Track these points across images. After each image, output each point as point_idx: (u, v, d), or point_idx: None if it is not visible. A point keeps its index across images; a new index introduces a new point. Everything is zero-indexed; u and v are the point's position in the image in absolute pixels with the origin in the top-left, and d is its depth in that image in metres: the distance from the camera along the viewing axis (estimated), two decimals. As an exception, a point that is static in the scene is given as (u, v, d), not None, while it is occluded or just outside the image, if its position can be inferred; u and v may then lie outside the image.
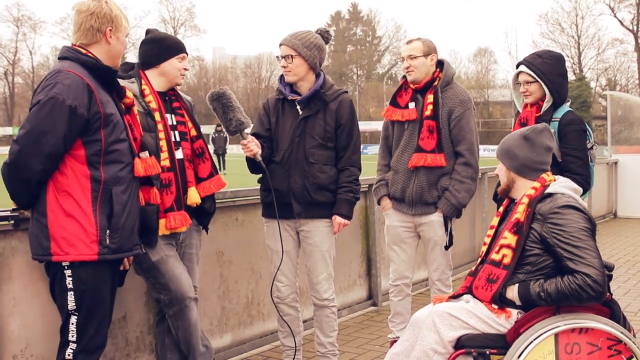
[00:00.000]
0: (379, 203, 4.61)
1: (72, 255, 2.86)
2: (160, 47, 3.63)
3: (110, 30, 3.02)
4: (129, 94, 3.16)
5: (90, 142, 2.89)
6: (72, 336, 2.92)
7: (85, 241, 2.87)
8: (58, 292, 2.95)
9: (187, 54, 3.73)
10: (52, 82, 2.86)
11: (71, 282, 2.90)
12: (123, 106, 3.13)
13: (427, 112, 4.27)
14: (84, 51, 2.99)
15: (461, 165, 4.30)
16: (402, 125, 4.41)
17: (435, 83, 4.32)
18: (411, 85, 4.38)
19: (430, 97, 4.29)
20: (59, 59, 3.02)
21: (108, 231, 2.91)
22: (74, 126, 2.83)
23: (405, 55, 4.32)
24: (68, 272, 2.89)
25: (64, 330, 2.94)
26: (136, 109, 3.25)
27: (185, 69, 3.69)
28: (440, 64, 4.38)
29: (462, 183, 4.28)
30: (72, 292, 2.91)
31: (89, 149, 2.89)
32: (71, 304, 2.91)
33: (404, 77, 4.47)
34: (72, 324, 2.92)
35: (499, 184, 3.39)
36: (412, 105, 4.36)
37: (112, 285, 3.11)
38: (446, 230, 4.34)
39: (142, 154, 3.14)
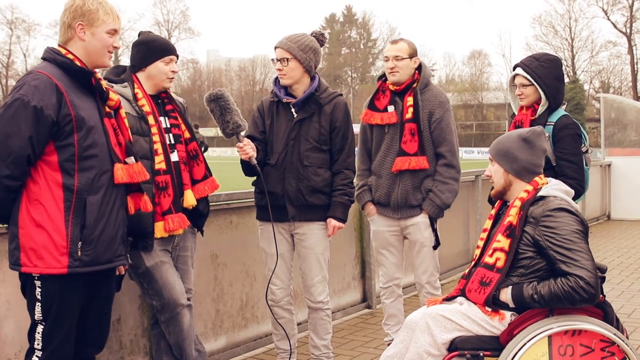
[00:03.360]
0: (362, 208, 4.61)
1: (40, 268, 2.76)
2: (146, 50, 3.58)
3: (81, 25, 2.87)
4: (113, 96, 3.00)
5: (63, 147, 2.77)
6: (38, 344, 2.84)
7: (54, 254, 2.76)
8: (28, 299, 2.88)
9: (176, 56, 3.65)
10: (21, 84, 2.77)
11: (39, 294, 2.81)
12: (108, 109, 2.99)
13: (408, 115, 4.27)
14: (64, 52, 2.88)
15: (443, 166, 4.32)
16: (381, 128, 4.41)
17: (415, 85, 4.33)
18: (390, 87, 4.38)
19: (410, 100, 4.30)
20: (41, 59, 2.93)
21: (80, 243, 2.78)
22: (41, 128, 2.72)
23: (391, 56, 4.31)
24: (38, 283, 2.80)
25: (31, 337, 2.88)
26: (124, 111, 3.11)
27: (173, 72, 3.61)
28: (417, 66, 4.39)
29: (445, 184, 4.30)
30: (39, 303, 2.81)
31: (62, 154, 2.77)
32: (38, 314, 2.83)
33: (380, 79, 4.47)
34: (38, 332, 2.84)
35: (492, 188, 3.38)
36: (391, 108, 4.36)
37: (103, 293, 3.03)
38: (433, 230, 4.36)
39: (127, 160, 2.99)
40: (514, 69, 4.23)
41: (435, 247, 4.40)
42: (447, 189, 4.31)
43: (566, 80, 51.18)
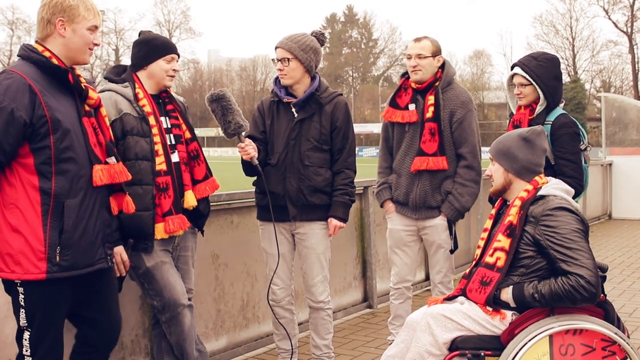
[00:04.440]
0: (382, 206, 4.59)
1: (18, 274, 2.71)
2: (147, 49, 3.56)
3: (62, 21, 2.79)
4: (92, 94, 2.93)
5: (39, 150, 2.70)
6: (27, 351, 2.82)
7: (32, 259, 2.70)
8: (13, 305, 2.84)
9: (177, 55, 3.63)
10: None
11: (23, 300, 2.77)
12: (88, 107, 2.91)
13: (429, 114, 4.22)
14: (40, 49, 2.80)
15: (463, 168, 4.27)
16: (402, 127, 4.37)
17: (437, 84, 4.28)
18: (412, 85, 4.33)
19: (431, 99, 4.24)
20: (17, 56, 2.86)
21: (59, 248, 2.72)
22: (11, 130, 2.64)
23: (414, 54, 4.25)
24: (21, 290, 2.76)
25: (19, 343, 2.85)
26: (104, 109, 3.05)
27: (174, 70, 3.59)
28: (441, 64, 4.33)
29: (465, 186, 4.25)
30: (23, 310, 2.78)
31: (38, 157, 2.70)
32: (23, 320, 2.80)
33: (403, 76, 4.42)
34: (25, 339, 2.81)
35: (491, 187, 3.38)
36: (412, 106, 4.30)
37: (85, 297, 2.97)
38: (450, 234, 4.32)
39: (109, 160, 2.93)
40: (512, 68, 4.22)
41: (452, 251, 4.37)
42: (467, 192, 4.25)
43: (567, 79, 51.37)
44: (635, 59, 55.78)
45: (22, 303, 2.79)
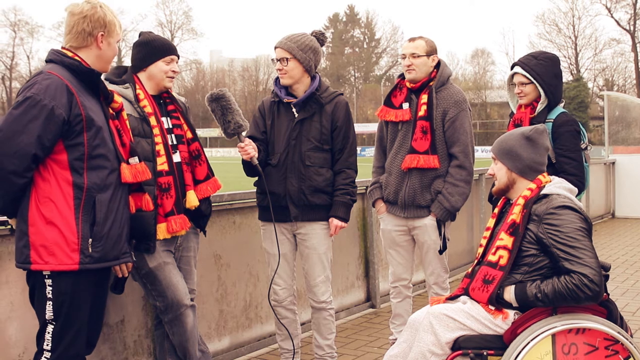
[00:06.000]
0: (373, 206, 4.59)
1: (52, 265, 2.79)
2: (146, 50, 3.57)
3: (102, 35, 2.99)
4: (117, 98, 3.10)
5: (73, 146, 2.83)
6: (47, 345, 2.85)
7: (66, 250, 2.79)
8: (37, 300, 2.88)
9: (177, 56, 3.64)
10: (31, 83, 2.82)
11: (51, 292, 2.82)
12: (111, 111, 3.07)
13: (421, 113, 4.23)
14: (70, 54, 2.94)
15: (455, 167, 4.26)
16: (396, 125, 4.38)
17: (431, 83, 4.29)
18: (407, 85, 4.35)
19: (424, 98, 4.25)
20: (45, 61, 2.98)
21: (90, 239, 2.83)
22: (51, 126, 2.76)
23: (408, 53, 4.27)
24: (49, 282, 2.82)
25: (40, 338, 2.88)
26: (125, 114, 3.18)
27: (173, 72, 3.60)
28: (436, 64, 4.35)
29: (456, 186, 4.24)
30: (50, 302, 2.83)
31: (72, 153, 2.83)
32: (49, 313, 2.84)
33: (400, 76, 4.44)
34: (49, 332, 2.85)
35: (493, 185, 3.38)
36: (405, 105, 4.32)
37: (100, 293, 3.06)
38: (440, 234, 4.30)
39: (131, 160, 3.07)
40: (512, 67, 4.22)
41: (441, 252, 4.34)
42: (457, 192, 4.24)
43: (570, 78, 51.29)
44: (638, 57, 55.71)
45: (49, 295, 2.84)
